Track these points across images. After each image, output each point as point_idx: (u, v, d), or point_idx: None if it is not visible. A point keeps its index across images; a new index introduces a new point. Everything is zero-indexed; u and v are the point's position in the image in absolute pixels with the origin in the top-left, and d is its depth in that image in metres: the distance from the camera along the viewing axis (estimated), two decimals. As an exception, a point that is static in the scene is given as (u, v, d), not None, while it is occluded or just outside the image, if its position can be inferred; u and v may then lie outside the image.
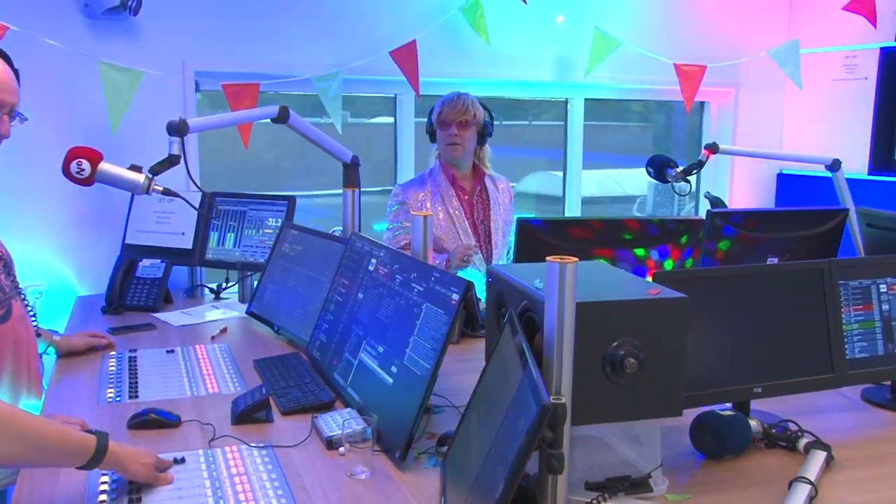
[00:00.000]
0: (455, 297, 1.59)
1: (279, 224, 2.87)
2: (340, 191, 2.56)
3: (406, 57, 3.17)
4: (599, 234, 2.07)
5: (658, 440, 1.44)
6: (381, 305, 1.85)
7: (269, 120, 2.51)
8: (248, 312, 2.61)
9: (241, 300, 2.90)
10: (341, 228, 2.56)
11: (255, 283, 2.73)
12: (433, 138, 2.96)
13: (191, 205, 2.34)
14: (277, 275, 2.56)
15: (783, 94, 4.20)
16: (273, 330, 2.46)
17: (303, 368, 2.05)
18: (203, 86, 3.11)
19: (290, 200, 2.93)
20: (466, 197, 2.95)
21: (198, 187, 2.46)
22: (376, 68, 3.21)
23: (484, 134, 2.95)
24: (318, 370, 2.04)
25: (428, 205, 2.89)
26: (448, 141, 2.88)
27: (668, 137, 4.48)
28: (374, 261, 1.98)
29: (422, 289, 1.70)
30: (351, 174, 2.64)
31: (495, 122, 3.04)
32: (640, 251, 2.09)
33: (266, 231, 2.92)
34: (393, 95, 3.50)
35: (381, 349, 1.77)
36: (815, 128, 4.15)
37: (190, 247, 2.94)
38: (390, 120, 3.56)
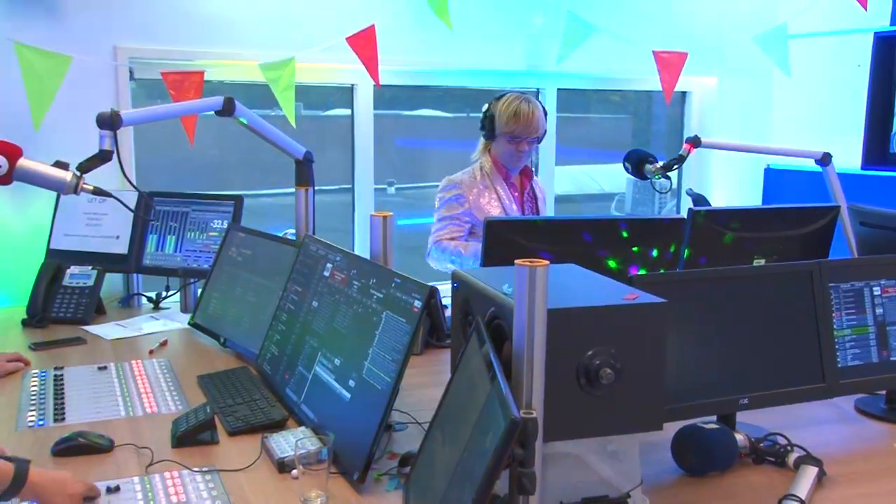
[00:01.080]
0: (417, 304, 1.59)
1: (225, 226, 2.85)
2: (293, 190, 2.55)
3: (364, 43, 3.17)
4: (573, 235, 2.09)
5: (637, 456, 1.45)
6: (337, 314, 1.85)
7: (213, 112, 2.49)
8: (191, 323, 2.59)
9: (184, 310, 2.87)
10: (294, 231, 2.55)
11: (199, 291, 2.71)
12: (490, 136, 3.01)
13: (125, 205, 2.31)
14: (224, 282, 2.54)
15: (770, 84, 4.27)
16: (219, 342, 2.44)
17: (252, 384, 2.04)
18: (139, 73, 3.08)
19: (238, 200, 2.91)
20: (517, 195, 3.05)
21: (133, 186, 2.44)
22: (332, 56, 3.20)
23: (541, 136, 3.04)
24: (269, 386, 2.03)
25: (482, 201, 2.96)
26: (517, 156, 2.97)
27: (648, 130, 4.54)
28: (329, 266, 1.98)
29: (381, 295, 1.70)
30: (304, 172, 2.63)
31: (463, 115, 3.07)
32: (617, 252, 2.11)
33: (211, 234, 2.90)
34: (350, 85, 3.49)
35: (337, 362, 1.77)
36: (805, 119, 4.22)
37: (125, 252, 2.91)
38: (347, 112, 3.56)
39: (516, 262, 1.26)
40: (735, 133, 4.19)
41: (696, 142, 2.82)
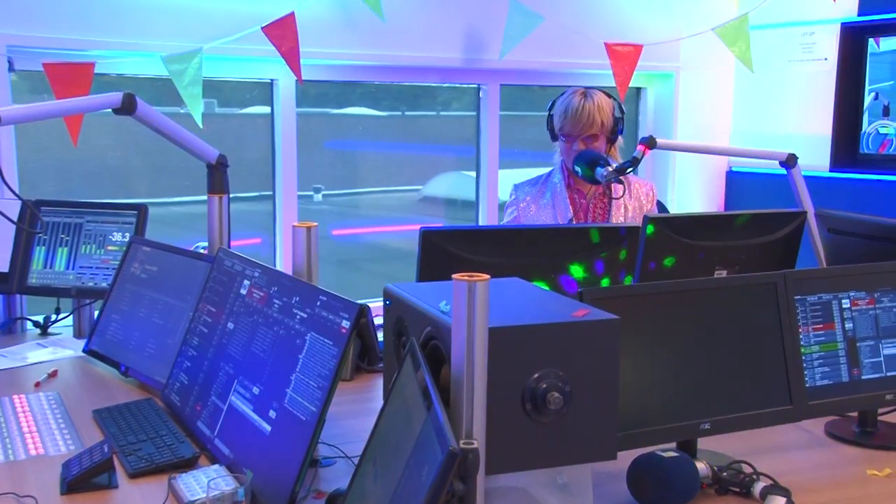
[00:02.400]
0: (346, 324, 1.59)
1: (126, 239, 2.81)
2: (205, 197, 2.52)
3: (283, 33, 3.16)
4: (517, 246, 2.11)
5: (590, 489, 1.47)
6: (255, 337, 1.83)
7: (111, 110, 2.45)
8: (87, 350, 2.55)
9: (77, 335, 2.82)
10: (206, 244, 2.52)
11: (96, 313, 2.66)
12: (553, 137, 3.08)
13: (6, 217, 2.26)
14: (125, 303, 2.50)
15: (731, 79, 4.37)
16: (119, 372, 2.40)
17: (158, 418, 2.01)
18: (19, 64, 3.00)
19: (141, 210, 2.87)
20: (583, 200, 3.06)
21: (15, 195, 2.38)
22: (248, 47, 3.18)
23: (615, 135, 3.06)
24: (178, 419, 2.01)
25: (533, 207, 3.06)
26: (573, 156, 2.98)
27: (601, 130, 4.60)
28: (247, 283, 1.96)
29: (305, 315, 1.70)
30: (217, 177, 2.61)
31: (397, 113, 3.07)
32: (564, 264, 2.13)
33: (110, 248, 2.85)
34: (269, 80, 3.47)
35: (256, 390, 1.76)
36: (769, 117, 4.33)
37: (5, 270, 2.84)
38: (267, 110, 3.53)
39: (454, 276, 1.26)
40: (694, 133, 4.27)
41: (651, 143, 2.86)
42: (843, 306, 1.95)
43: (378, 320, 2.44)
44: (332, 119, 4.15)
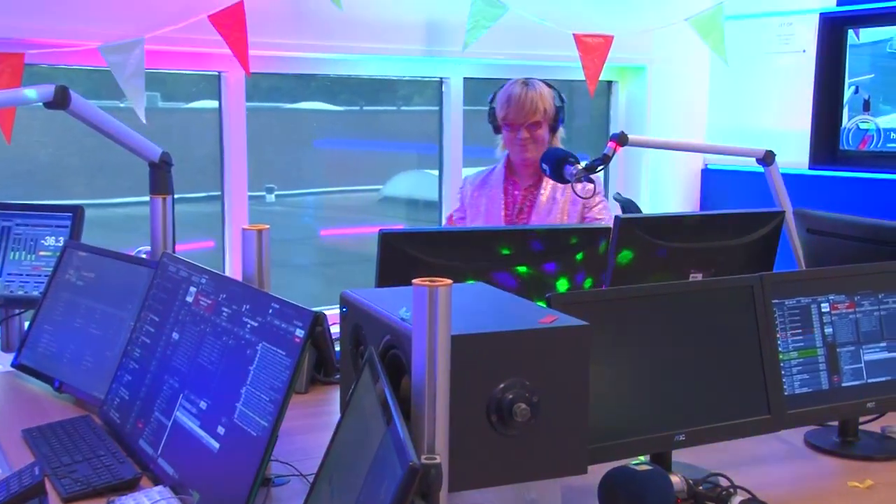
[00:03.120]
0: (300, 333, 1.58)
1: (61, 244, 2.78)
2: (147, 198, 2.50)
3: (230, 23, 3.14)
4: (482, 249, 2.11)
5: (559, 506, 1.48)
6: (203, 348, 1.82)
7: (41, 104, 2.43)
8: (16, 365, 2.51)
9: (5, 349, 2.77)
10: (148, 248, 2.50)
11: (26, 324, 2.62)
12: (497, 130, 3.21)
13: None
14: (59, 312, 2.47)
15: (706, 72, 4.42)
16: (53, 387, 2.37)
17: (95, 437, 1.99)
18: (-60, 55, 2.97)
19: (77, 212, 2.84)
20: (517, 192, 3.19)
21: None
22: (193, 37, 3.16)
23: (556, 123, 3.18)
24: (118, 437, 1.99)
25: (471, 195, 3.20)
26: (518, 144, 3.14)
27: (569, 125, 4.61)
28: (193, 289, 1.95)
29: (256, 324, 1.69)
30: (161, 177, 2.58)
31: (355, 108, 3.08)
32: (528, 269, 2.14)
33: (42, 254, 2.81)
34: (217, 73, 3.45)
35: (203, 405, 1.74)
36: (745, 113, 4.38)
37: (-71, 278, 2.79)
38: (215, 104, 3.51)
39: (414, 281, 1.27)
40: (668, 129, 4.31)
41: (622, 139, 2.88)
42: (823, 310, 1.98)
43: (334, 329, 2.44)
44: (285, 114, 4.14)
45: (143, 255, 2.52)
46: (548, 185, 3.17)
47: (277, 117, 4.12)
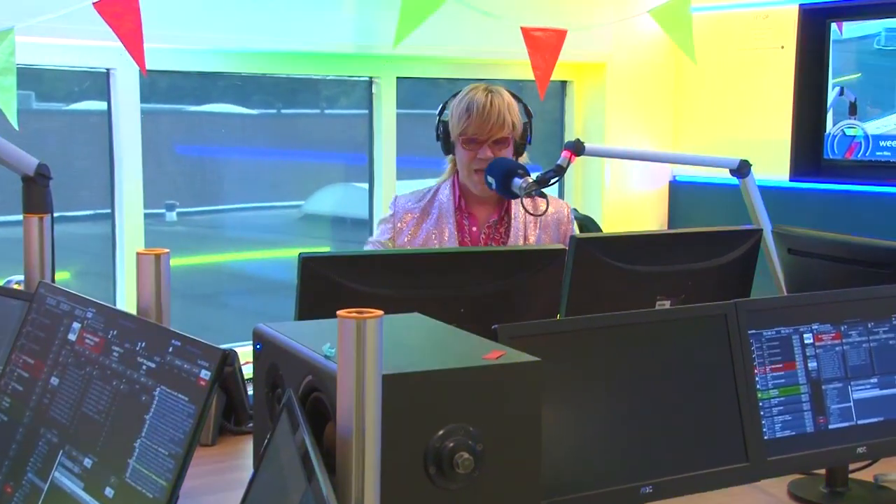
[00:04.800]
0: (205, 374, 1.57)
1: (-78, 272, 2.72)
2: (20, 217, 2.47)
3: (121, 11, 3.11)
4: (418, 275, 2.11)
5: (509, 571, 1.48)
6: (88, 394, 1.79)
7: None
8: None
9: None
10: (21, 277, 2.46)
11: None
12: (448, 148, 3.04)
13: None
14: (-79, 353, 2.42)
15: (672, 71, 4.48)
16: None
17: (-38, 500, 1.95)
18: None
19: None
20: (474, 228, 3.02)
21: None
22: (76, 27, 3.13)
23: (523, 141, 3.03)
24: (-11, 501, 1.95)
25: (414, 230, 2.99)
26: (476, 166, 2.94)
27: (519, 132, 4.66)
28: (77, 325, 1.92)
29: (153, 365, 1.67)
30: (36, 192, 2.54)
31: (271, 111, 3.05)
32: (470, 297, 2.15)
33: None
34: (104, 70, 3.42)
35: (88, 463, 1.72)
36: (717, 117, 4.44)
37: None
38: (102, 105, 3.48)
39: (339, 313, 1.26)
40: (630, 136, 4.35)
41: (578, 148, 2.90)
42: (806, 342, 2.00)
43: (247, 369, 2.42)
44: (189, 118, 4.11)
45: (15, 286, 2.47)
46: (523, 220, 3.02)
47: (179, 122, 4.09)
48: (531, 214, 2.99)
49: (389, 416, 1.28)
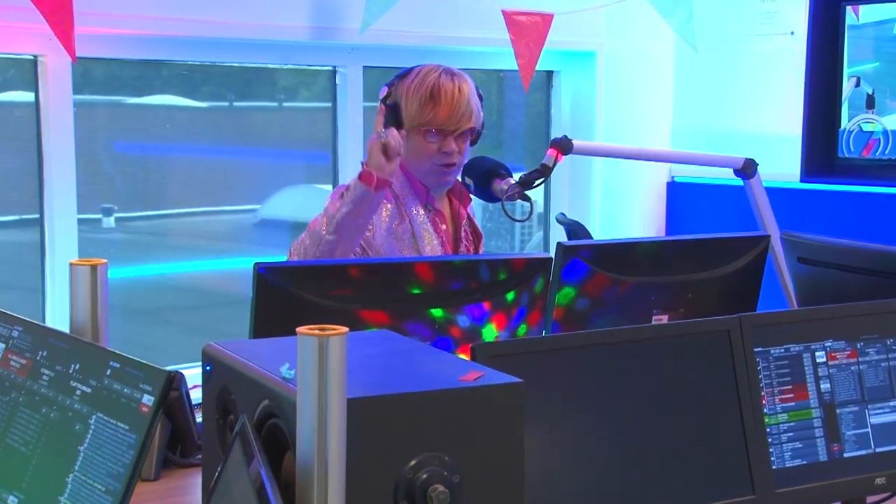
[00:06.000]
0: (148, 399, 1.57)
1: None
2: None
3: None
4: (387, 287, 2.12)
5: None
6: (14, 424, 1.78)
7: None
8: None
9: None
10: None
11: None
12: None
13: None
14: None
15: (671, 61, 4.49)
16: None
17: None
18: None
19: None
20: (445, 227, 3.00)
21: None
22: None
23: (479, 133, 3.01)
24: None
25: (394, 229, 2.90)
26: (441, 161, 2.91)
27: (499, 128, 4.66)
28: (1, 346, 1.91)
29: (89, 390, 1.66)
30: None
31: (223, 104, 3.03)
32: (444, 312, 2.15)
33: None
34: (31, 57, 3.41)
35: (12, 501, 1.71)
36: (720, 112, 4.46)
37: None
38: (29, 97, 3.46)
39: (299, 330, 1.27)
40: (624, 133, 4.36)
41: (565, 146, 2.91)
42: (818, 361, 2.00)
43: (195, 394, 2.42)
44: (129, 112, 4.10)
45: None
46: (470, 211, 3.02)
47: (117, 116, 4.08)
48: (514, 220, 3.00)
49: (355, 444, 1.29)
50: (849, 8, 4.15)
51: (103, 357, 1.68)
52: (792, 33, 4.26)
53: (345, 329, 1.27)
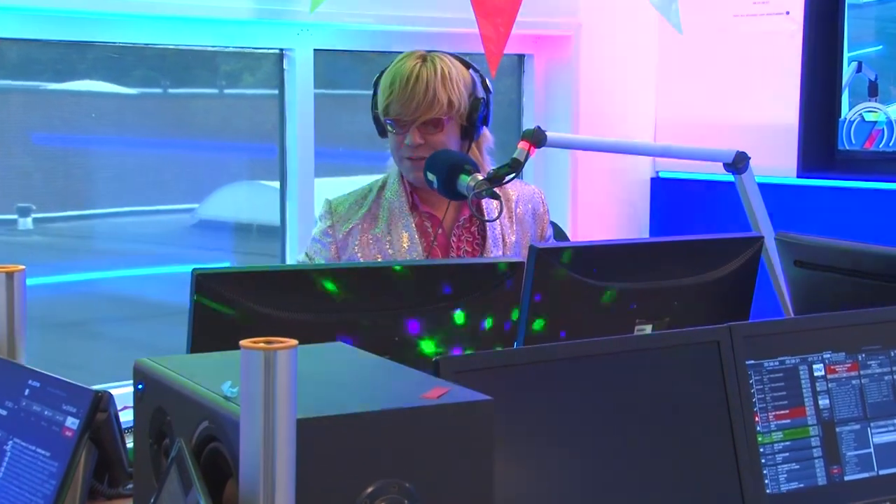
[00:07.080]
0: (72, 422, 1.57)
1: None
2: None
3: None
4: (342, 294, 2.11)
5: None
6: (-74, 447, 1.78)
7: None
8: None
9: None
10: None
11: None
12: (383, 132, 3.05)
13: None
14: None
15: (655, 45, 4.51)
16: None
17: None
18: None
19: None
20: (439, 230, 3.01)
21: None
22: None
23: (472, 124, 3.00)
24: None
25: (364, 237, 2.95)
26: (406, 154, 2.95)
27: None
28: None
29: (5, 412, 1.66)
30: None
31: (156, 91, 3.02)
32: (421, 321, 2.15)
33: None
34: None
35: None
36: (707, 100, 4.48)
37: None
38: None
39: (243, 343, 1.27)
40: (603, 123, 4.37)
41: (538, 138, 2.91)
42: (816, 374, 2.01)
43: (126, 415, 2.41)
44: (48, 99, 4.08)
45: None
46: (486, 209, 2.99)
47: (35, 104, 4.05)
48: (481, 220, 3.00)
49: (305, 470, 1.29)
50: (849, -15, 4.18)
51: (21, 375, 1.67)
52: (787, 13, 4.27)
53: (293, 342, 1.27)
